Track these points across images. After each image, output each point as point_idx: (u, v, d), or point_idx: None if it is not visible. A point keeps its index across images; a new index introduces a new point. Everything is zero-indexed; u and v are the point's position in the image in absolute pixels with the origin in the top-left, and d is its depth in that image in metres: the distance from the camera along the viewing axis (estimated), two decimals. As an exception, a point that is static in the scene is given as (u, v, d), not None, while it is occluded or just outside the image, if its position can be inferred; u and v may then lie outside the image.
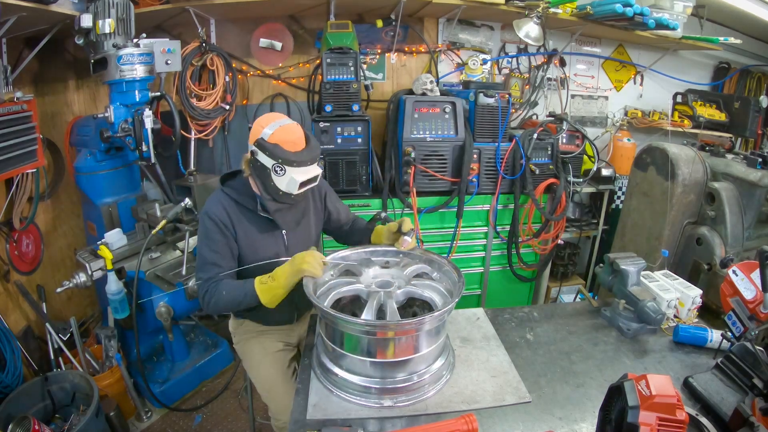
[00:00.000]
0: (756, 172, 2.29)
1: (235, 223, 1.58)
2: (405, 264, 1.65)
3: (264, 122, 1.51)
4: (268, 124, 1.50)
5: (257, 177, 1.55)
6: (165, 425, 2.58)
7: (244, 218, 1.60)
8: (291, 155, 1.47)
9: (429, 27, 3.43)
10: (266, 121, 1.51)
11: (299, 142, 1.51)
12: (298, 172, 1.49)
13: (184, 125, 2.98)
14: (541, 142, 2.89)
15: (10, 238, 2.48)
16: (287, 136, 1.49)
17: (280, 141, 1.47)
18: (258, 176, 1.54)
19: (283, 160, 1.46)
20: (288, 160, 1.47)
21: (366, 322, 1.31)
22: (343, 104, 2.77)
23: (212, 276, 1.54)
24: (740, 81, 4.00)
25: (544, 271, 3.29)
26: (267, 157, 1.47)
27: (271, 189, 1.53)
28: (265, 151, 1.47)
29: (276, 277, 1.48)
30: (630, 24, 3.06)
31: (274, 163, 1.47)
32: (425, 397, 1.36)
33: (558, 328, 1.77)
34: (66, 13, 2.25)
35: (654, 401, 0.98)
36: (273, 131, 1.48)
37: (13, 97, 2.15)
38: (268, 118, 1.53)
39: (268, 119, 1.52)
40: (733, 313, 1.49)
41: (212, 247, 1.55)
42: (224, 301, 1.51)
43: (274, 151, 1.46)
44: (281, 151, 1.46)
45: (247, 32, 3.25)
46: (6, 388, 2.09)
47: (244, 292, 1.50)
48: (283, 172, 1.48)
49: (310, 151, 1.52)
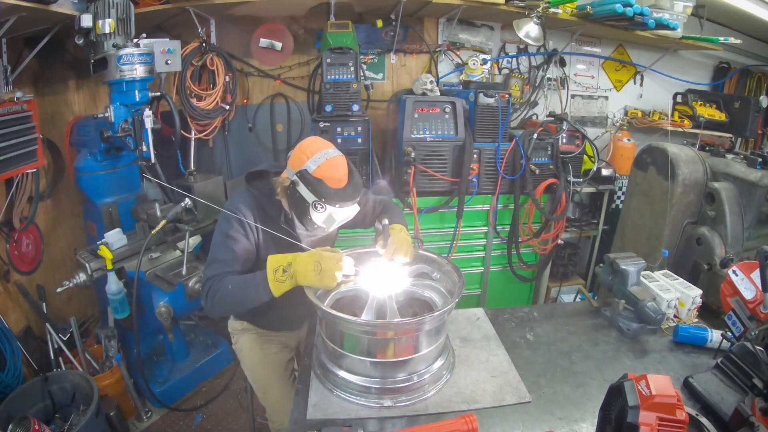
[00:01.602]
0: (756, 172, 2.29)
1: (260, 228, 1.51)
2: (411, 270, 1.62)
3: (309, 151, 1.40)
4: (313, 154, 1.39)
5: (293, 206, 1.47)
6: (165, 425, 2.58)
7: (267, 225, 1.52)
8: (334, 195, 1.38)
9: (429, 27, 3.43)
10: (311, 151, 1.40)
11: (344, 179, 1.41)
12: (339, 211, 1.42)
13: (184, 125, 2.98)
14: (541, 142, 2.89)
15: (10, 238, 2.48)
16: (333, 172, 1.38)
17: (325, 177, 1.37)
18: (294, 206, 1.46)
19: (326, 200, 1.38)
20: (331, 200, 1.38)
21: (366, 322, 1.31)
22: (343, 104, 2.77)
23: (218, 273, 1.43)
24: (740, 81, 3.99)
25: (544, 271, 3.28)
26: (309, 192, 1.38)
27: (307, 221, 1.46)
28: (308, 186, 1.38)
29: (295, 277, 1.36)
30: (630, 24, 3.06)
31: (315, 201, 1.39)
32: (425, 397, 1.36)
33: (558, 328, 1.77)
34: (66, 13, 2.25)
35: (654, 401, 0.98)
36: (318, 165, 1.37)
37: (13, 97, 2.15)
38: (314, 146, 1.42)
39: (313, 148, 1.41)
40: (733, 313, 1.49)
41: (231, 246, 1.46)
42: (230, 297, 1.39)
43: (318, 187, 1.37)
44: (325, 189, 1.37)
45: (247, 32, 3.24)
46: (6, 388, 2.08)
47: (255, 284, 1.38)
48: (323, 210, 1.40)
49: (354, 191, 1.43)
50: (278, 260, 1.38)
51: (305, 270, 1.35)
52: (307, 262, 1.35)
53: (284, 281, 1.36)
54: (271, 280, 1.36)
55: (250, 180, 1.59)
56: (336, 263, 1.35)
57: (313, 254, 1.37)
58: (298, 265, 1.36)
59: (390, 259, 1.52)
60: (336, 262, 1.35)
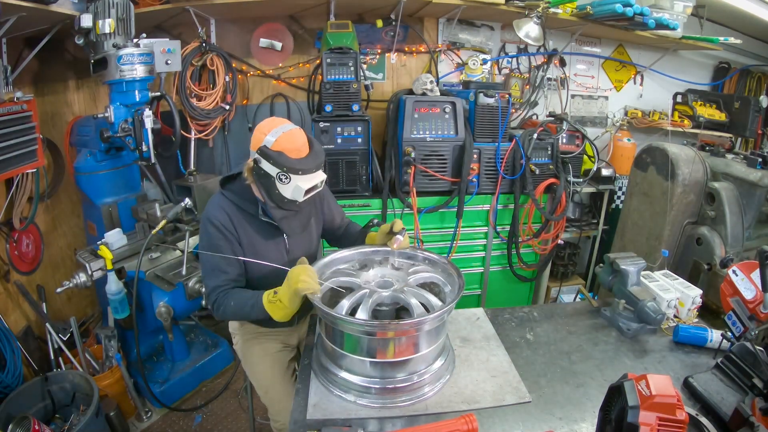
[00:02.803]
0: (756, 172, 2.29)
1: (238, 228, 1.55)
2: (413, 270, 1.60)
3: (266, 129, 1.46)
4: (270, 130, 1.44)
5: (261, 185, 1.50)
6: (165, 425, 2.58)
7: (246, 223, 1.57)
8: (296, 163, 1.43)
9: (429, 27, 3.43)
10: (268, 128, 1.46)
11: (303, 149, 1.46)
12: (303, 179, 1.45)
13: (184, 125, 2.98)
14: (541, 142, 2.89)
15: (10, 238, 2.48)
16: (291, 143, 1.44)
17: (283, 149, 1.42)
18: (262, 184, 1.49)
19: (288, 169, 1.42)
20: (293, 168, 1.42)
21: (365, 323, 1.31)
22: (343, 104, 2.77)
23: (220, 284, 1.51)
24: (740, 81, 3.99)
25: (544, 271, 3.29)
26: (271, 165, 1.43)
27: (276, 197, 1.48)
28: (269, 160, 1.42)
29: (281, 298, 1.42)
30: (630, 24, 3.06)
31: (279, 172, 1.43)
32: (425, 398, 1.36)
33: (558, 328, 1.77)
34: (66, 13, 2.25)
35: (654, 401, 0.98)
36: (276, 138, 1.42)
37: (13, 97, 2.15)
38: (270, 123, 1.48)
39: (269, 125, 1.47)
40: (733, 313, 1.50)
41: (218, 252, 1.52)
42: (232, 312, 1.50)
43: (278, 159, 1.41)
44: (286, 159, 1.42)
45: (247, 32, 3.25)
46: (6, 388, 2.09)
47: (253, 305, 1.46)
48: (288, 180, 1.44)
49: (315, 158, 1.48)
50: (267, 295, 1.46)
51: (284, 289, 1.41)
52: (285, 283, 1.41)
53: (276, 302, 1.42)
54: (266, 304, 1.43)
55: (224, 184, 1.64)
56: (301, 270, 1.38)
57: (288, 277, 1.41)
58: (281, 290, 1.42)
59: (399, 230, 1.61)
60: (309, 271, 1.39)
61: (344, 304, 1.38)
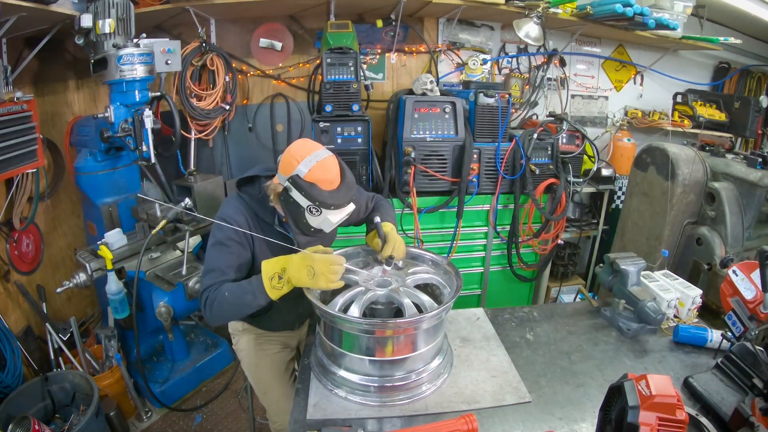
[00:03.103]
0: (756, 172, 2.29)
1: (254, 234, 1.49)
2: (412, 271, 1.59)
3: (299, 155, 1.37)
4: (303, 158, 1.36)
5: (288, 212, 1.44)
6: (165, 425, 2.58)
7: (261, 230, 1.51)
8: (328, 197, 1.35)
9: (429, 27, 3.43)
10: (301, 155, 1.37)
11: (336, 180, 1.38)
12: (334, 213, 1.40)
13: (184, 125, 2.98)
14: (541, 142, 2.89)
15: (10, 238, 2.48)
16: (325, 174, 1.35)
17: (317, 180, 1.34)
18: (289, 212, 1.43)
19: (320, 203, 1.35)
20: (325, 203, 1.35)
21: (364, 321, 1.32)
22: (343, 104, 2.77)
23: (214, 283, 1.42)
24: (740, 81, 3.99)
25: (544, 271, 3.28)
26: (302, 197, 1.36)
27: (303, 225, 1.43)
28: (301, 191, 1.35)
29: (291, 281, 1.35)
30: (630, 24, 3.06)
31: (310, 205, 1.36)
32: (424, 395, 1.37)
33: (558, 328, 1.77)
34: (66, 13, 2.25)
35: (654, 401, 0.98)
36: (309, 169, 1.34)
37: (13, 97, 2.15)
38: (303, 149, 1.39)
39: (303, 151, 1.38)
40: (733, 313, 1.50)
41: (225, 254, 1.45)
42: (227, 304, 1.38)
43: (311, 192, 1.34)
44: (318, 193, 1.34)
45: (247, 32, 3.25)
46: (6, 388, 2.09)
47: (252, 290, 1.37)
48: (318, 213, 1.38)
49: (347, 191, 1.41)
50: (272, 266, 1.37)
51: (299, 275, 1.35)
52: (300, 267, 1.34)
53: (281, 288, 1.36)
54: (267, 287, 1.36)
55: (241, 186, 1.57)
56: (328, 266, 1.33)
57: (305, 257, 1.35)
58: (291, 270, 1.35)
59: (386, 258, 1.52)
60: (328, 265, 1.33)
61: (337, 302, 1.38)
